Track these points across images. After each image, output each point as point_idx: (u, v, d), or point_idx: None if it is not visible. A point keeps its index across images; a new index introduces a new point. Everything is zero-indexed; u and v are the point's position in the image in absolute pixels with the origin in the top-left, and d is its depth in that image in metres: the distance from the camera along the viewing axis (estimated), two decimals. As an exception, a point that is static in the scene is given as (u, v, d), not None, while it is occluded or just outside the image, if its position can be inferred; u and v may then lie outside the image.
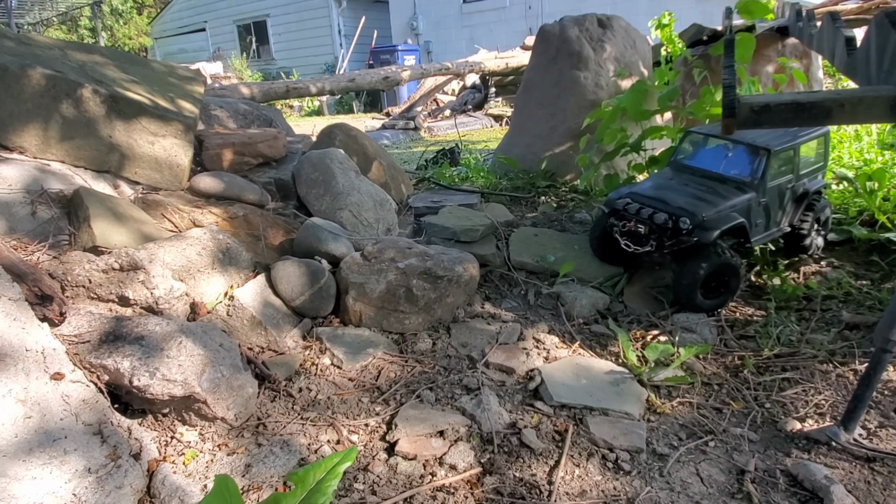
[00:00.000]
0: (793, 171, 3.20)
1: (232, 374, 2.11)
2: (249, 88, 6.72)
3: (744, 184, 3.13)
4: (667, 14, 6.73)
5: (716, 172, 3.25)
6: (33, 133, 2.96)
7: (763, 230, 3.22)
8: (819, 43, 3.24)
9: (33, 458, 1.59)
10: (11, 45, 3.22)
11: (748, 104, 2.41)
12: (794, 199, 3.29)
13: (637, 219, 3.13)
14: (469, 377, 2.48)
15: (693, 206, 3.00)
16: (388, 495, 1.84)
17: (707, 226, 2.94)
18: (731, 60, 3.19)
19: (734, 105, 2.40)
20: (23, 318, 1.89)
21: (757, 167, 3.12)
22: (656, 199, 3.13)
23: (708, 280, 3.01)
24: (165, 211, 3.03)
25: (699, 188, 3.17)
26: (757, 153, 3.13)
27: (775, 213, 3.23)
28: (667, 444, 2.15)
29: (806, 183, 3.30)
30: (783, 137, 3.15)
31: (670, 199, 3.09)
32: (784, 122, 2.64)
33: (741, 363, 2.65)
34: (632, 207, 3.18)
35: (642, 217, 3.10)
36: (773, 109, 2.43)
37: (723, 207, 3.02)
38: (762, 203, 3.13)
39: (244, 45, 21.64)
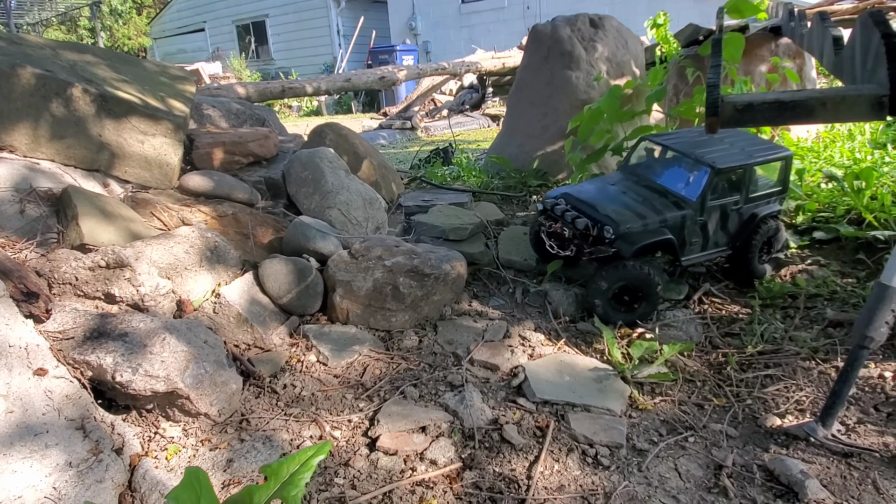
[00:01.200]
0: (741, 192, 3.09)
1: (216, 370, 2.13)
2: (245, 88, 6.74)
3: (682, 200, 3.03)
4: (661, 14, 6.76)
5: (658, 183, 3.16)
6: (23, 132, 2.98)
7: (699, 249, 3.12)
8: (809, 42, 3.26)
9: (14, 452, 1.61)
10: (2, 44, 3.24)
11: (731, 103, 2.43)
12: (740, 221, 3.17)
13: (562, 221, 3.07)
14: (453, 374, 2.50)
15: (620, 216, 2.92)
16: (367, 490, 1.86)
17: (629, 238, 2.88)
18: (719, 60, 3.22)
19: (717, 104, 2.42)
20: (6, 314, 1.91)
21: (698, 184, 3.01)
22: (587, 204, 3.05)
23: (623, 292, 2.95)
24: (154, 209, 3.05)
25: (635, 198, 3.09)
26: (700, 169, 3.03)
27: (715, 234, 3.13)
28: (647, 439, 2.17)
29: (757, 206, 3.18)
30: (736, 156, 3.06)
31: (600, 206, 3.01)
32: (767, 121, 2.67)
33: (725, 360, 2.67)
34: (559, 209, 3.11)
35: (566, 220, 3.04)
36: (757, 108, 2.45)
37: (651, 221, 2.93)
38: (699, 221, 3.03)
39: (243, 46, 21.67)
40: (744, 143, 3.22)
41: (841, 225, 3.61)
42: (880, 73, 2.15)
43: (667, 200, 3.04)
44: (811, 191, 4.24)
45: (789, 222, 4.00)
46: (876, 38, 2.22)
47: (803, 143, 5.82)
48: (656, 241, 2.93)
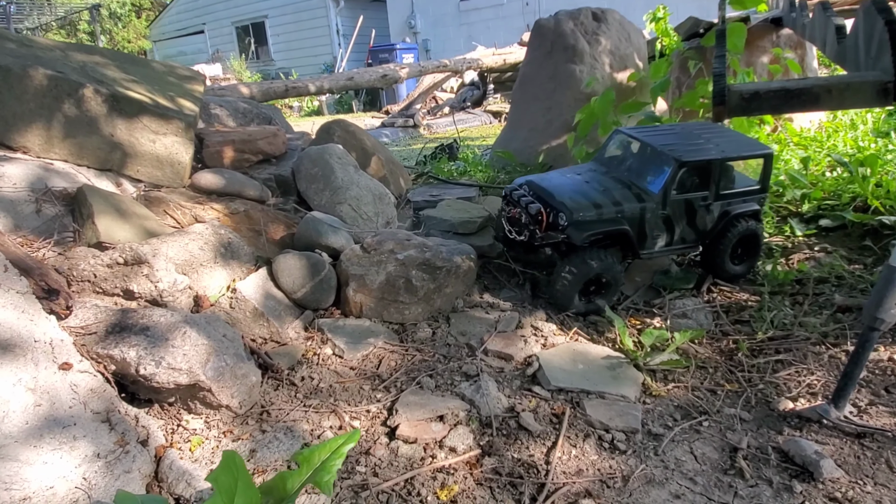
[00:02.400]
0: (711, 188, 3.01)
1: (235, 363, 2.16)
2: (249, 88, 6.78)
3: (644, 192, 2.98)
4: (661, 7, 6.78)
5: (625, 175, 3.12)
6: (36, 133, 3.01)
7: (664, 244, 3.07)
8: (811, 32, 3.28)
9: (44, 444, 1.64)
10: (13, 46, 3.27)
11: (738, 92, 2.46)
12: (710, 218, 3.10)
13: (520, 207, 3.06)
14: (468, 364, 2.53)
15: (575, 204, 2.88)
16: (389, 476, 1.89)
17: (582, 226, 2.84)
18: (723, 50, 3.24)
19: (724, 93, 2.45)
20: (31, 310, 1.94)
21: (660, 176, 2.96)
22: (546, 191, 3.02)
23: (587, 282, 2.95)
24: (167, 207, 3.08)
25: (597, 188, 3.04)
26: (664, 162, 2.96)
27: (681, 229, 3.06)
28: (662, 424, 2.20)
29: (730, 204, 3.11)
30: (707, 151, 2.98)
31: (557, 193, 2.97)
32: (773, 109, 2.70)
33: (735, 347, 2.70)
34: (517, 194, 3.11)
35: (522, 205, 3.03)
36: (763, 96, 2.48)
37: (608, 211, 2.89)
38: (662, 215, 2.98)
39: (243, 47, 21.69)
40: (722, 140, 3.14)
41: (847, 212, 3.64)
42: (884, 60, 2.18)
43: (629, 192, 2.99)
44: (816, 179, 4.26)
45: (795, 210, 4.02)
46: (879, 25, 2.24)
47: (806, 133, 5.84)
48: (610, 231, 2.89)
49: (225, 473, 1.22)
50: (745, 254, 3.27)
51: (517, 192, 3.13)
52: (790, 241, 3.65)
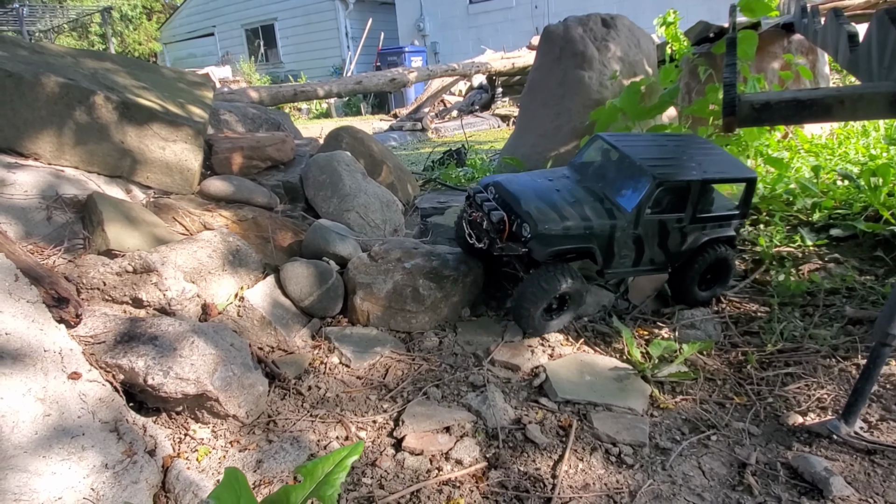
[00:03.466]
0: (687, 210, 2.83)
1: (243, 372, 2.17)
2: (258, 92, 6.81)
3: (617, 208, 2.78)
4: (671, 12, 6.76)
5: (599, 186, 2.92)
6: (47, 140, 3.04)
7: (630, 264, 2.89)
8: (823, 39, 3.25)
9: (52, 454, 1.65)
10: (25, 54, 3.30)
11: (749, 102, 2.45)
12: (683, 242, 2.92)
13: (482, 211, 2.84)
14: (475, 374, 2.52)
15: (541, 215, 2.67)
16: (395, 489, 1.89)
17: (545, 240, 2.64)
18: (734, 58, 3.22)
19: (735, 103, 2.43)
20: (40, 319, 1.96)
21: (635, 193, 2.76)
22: (513, 196, 2.80)
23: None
24: (177, 214, 3.09)
25: (568, 197, 2.82)
26: (641, 179, 2.76)
27: (651, 250, 2.88)
28: (669, 438, 2.18)
29: (705, 228, 2.94)
30: (688, 171, 2.79)
31: (524, 201, 2.75)
32: (785, 120, 2.68)
33: (744, 359, 2.67)
34: (481, 197, 2.90)
35: (484, 210, 2.81)
36: (774, 107, 2.46)
37: (575, 225, 2.68)
38: (633, 234, 2.79)
39: (252, 49, 21.82)
40: (706, 158, 2.96)
41: (858, 222, 3.60)
42: (899, 71, 2.15)
43: (601, 206, 2.80)
44: (827, 188, 4.22)
45: (805, 219, 3.99)
46: (893, 35, 2.22)
47: (817, 140, 5.80)
48: (575, 249, 2.72)
49: (227, 491, 1.22)
50: (713, 280, 3.10)
51: (481, 195, 2.91)
52: (800, 250, 3.62)
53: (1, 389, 1.68)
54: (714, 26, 6.66)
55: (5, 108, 2.95)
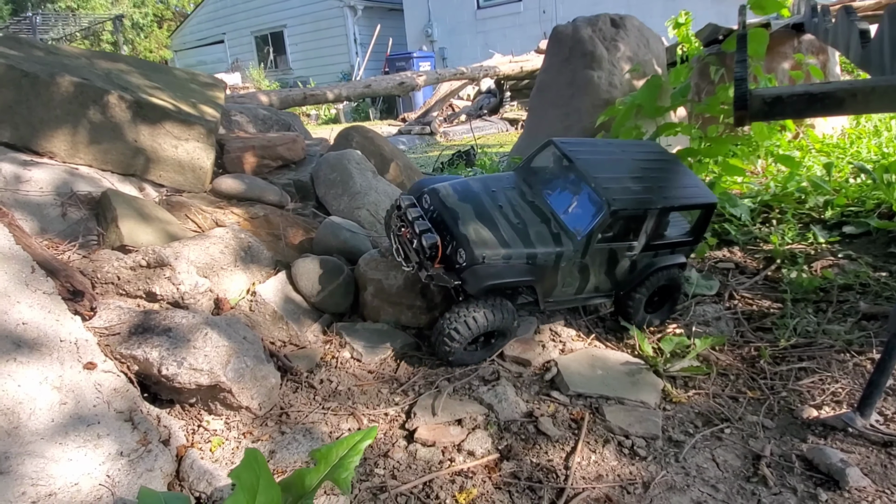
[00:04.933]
0: (640, 237, 2.58)
1: (256, 364, 2.18)
2: (268, 96, 6.87)
3: (566, 233, 2.48)
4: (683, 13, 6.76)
5: (548, 203, 2.59)
6: (62, 138, 3.07)
7: (573, 293, 2.64)
8: (834, 37, 3.24)
9: (69, 441, 1.67)
10: (40, 54, 3.35)
11: (760, 96, 2.44)
12: (631, 269, 2.71)
13: (411, 228, 2.49)
14: (486, 369, 2.52)
15: (479, 239, 2.36)
16: (407, 479, 1.89)
17: (480, 272, 2.32)
18: (744, 55, 3.21)
19: (746, 97, 2.43)
20: (56, 310, 1.98)
21: (588, 220, 2.45)
22: (451, 213, 2.46)
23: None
24: (189, 212, 3.12)
25: (512, 216, 2.52)
26: (594, 203, 2.44)
27: (597, 278, 2.64)
28: (682, 431, 2.17)
29: (657, 255, 2.71)
30: (646, 193, 2.52)
31: (463, 219, 2.42)
32: (797, 114, 2.67)
33: (757, 354, 2.66)
34: (413, 212, 2.53)
35: (415, 230, 2.45)
36: (786, 101, 2.46)
37: (517, 254, 2.39)
38: (578, 263, 2.52)
39: (262, 56, 22.00)
40: (666, 179, 2.69)
41: (871, 219, 3.58)
42: (911, 63, 2.14)
43: (547, 230, 2.49)
44: (839, 186, 4.20)
45: (818, 217, 3.97)
46: (905, 28, 2.21)
47: (829, 140, 5.78)
48: (514, 283, 2.42)
49: (247, 471, 1.23)
50: (661, 302, 2.91)
51: (413, 210, 2.55)
52: (813, 247, 3.60)
53: (18, 377, 1.70)
54: (723, 29, 6.65)
55: (21, 108, 3.00)
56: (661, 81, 3.86)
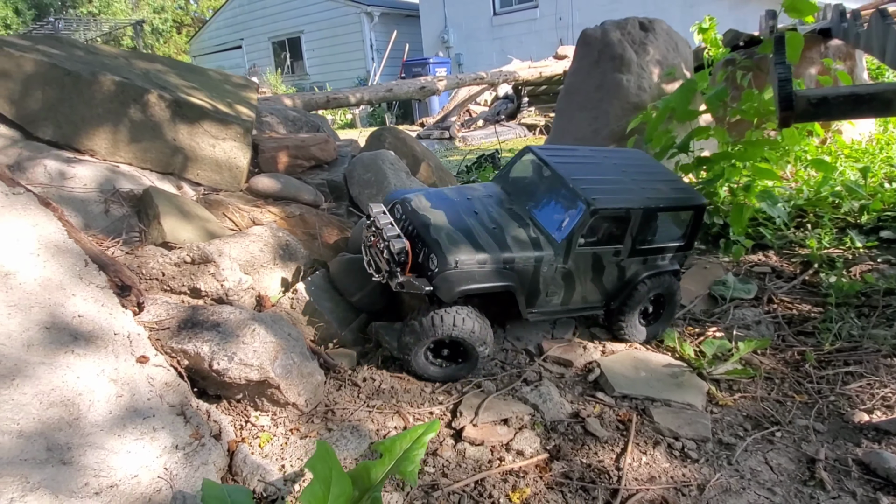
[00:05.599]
0: (626, 241, 2.48)
1: (302, 361, 2.18)
2: (292, 99, 6.91)
3: (546, 236, 2.41)
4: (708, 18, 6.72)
5: (526, 208, 2.54)
6: (103, 136, 3.10)
7: (559, 303, 2.53)
8: (867, 41, 3.20)
9: (127, 433, 1.67)
10: (81, 54, 3.39)
11: (805, 97, 2.42)
12: (620, 277, 2.59)
13: (380, 237, 2.41)
14: (527, 369, 2.50)
15: (452, 244, 2.29)
16: (459, 477, 1.87)
17: (453, 278, 2.23)
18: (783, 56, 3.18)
19: (791, 98, 2.40)
20: (109, 304, 1.99)
21: (567, 222, 2.37)
22: (422, 220, 2.41)
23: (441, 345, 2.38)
24: (226, 210, 3.13)
25: (488, 222, 2.45)
26: (574, 205, 2.37)
27: (584, 287, 2.54)
28: (732, 434, 2.14)
29: (646, 261, 2.61)
30: (629, 194, 2.45)
31: (435, 225, 2.37)
32: (842, 115, 2.64)
33: (801, 358, 2.62)
34: (382, 221, 2.44)
35: (384, 237, 2.37)
36: (831, 102, 2.43)
37: (493, 259, 2.31)
38: (561, 270, 2.42)
39: (279, 61, 22.15)
40: (650, 181, 2.63)
41: (911, 223, 3.53)
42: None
43: (526, 234, 2.42)
44: (874, 190, 4.15)
45: (853, 222, 3.92)
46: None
47: (857, 146, 5.72)
48: (490, 289, 2.31)
49: (321, 463, 1.22)
50: (656, 313, 2.77)
51: (383, 218, 2.47)
52: (850, 252, 3.55)
53: (77, 369, 1.71)
54: (744, 35, 6.62)
55: (64, 106, 3.03)
56: (696, 85, 3.83)
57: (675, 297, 2.77)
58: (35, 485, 1.42)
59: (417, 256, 2.37)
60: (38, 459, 1.47)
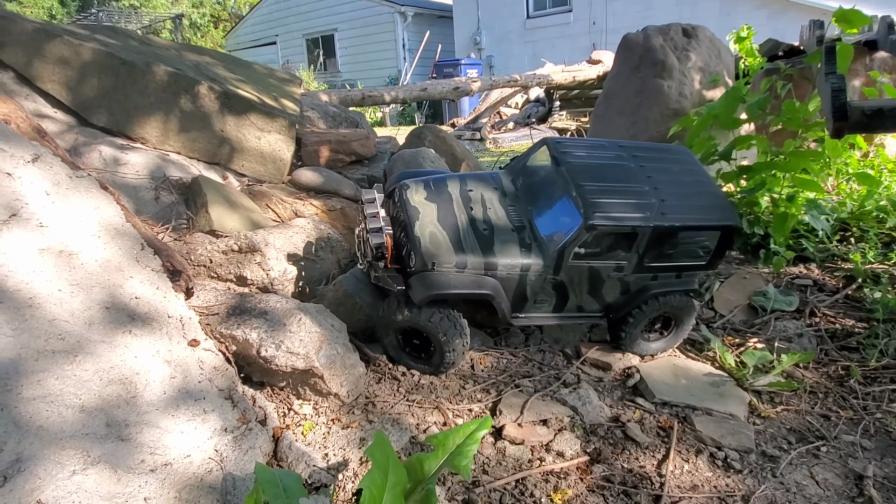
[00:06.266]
0: (632, 257, 2.31)
1: (345, 352, 2.20)
2: (328, 95, 6.97)
3: (538, 242, 2.27)
4: (745, 27, 6.62)
5: (527, 205, 2.42)
6: (154, 125, 3.17)
7: (549, 310, 2.41)
8: (917, 55, 3.13)
9: (180, 413, 1.71)
10: (136, 44, 3.47)
11: (860, 108, 2.38)
12: (623, 290, 2.43)
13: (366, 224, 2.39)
14: (565, 371, 2.50)
15: (433, 244, 2.21)
16: (500, 475, 1.88)
17: (428, 280, 2.18)
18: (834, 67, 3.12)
19: (846, 108, 2.37)
20: (163, 287, 2.03)
21: (561, 231, 2.24)
22: (412, 212, 2.34)
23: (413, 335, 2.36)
24: (270, 201, 3.18)
25: (481, 220, 2.33)
26: (574, 215, 2.21)
27: (579, 297, 2.39)
28: (776, 446, 2.11)
29: (657, 278, 2.41)
30: (640, 210, 2.25)
31: (421, 221, 2.29)
32: (897, 127, 2.57)
33: (845, 373, 2.57)
34: (370, 208, 2.42)
35: (366, 226, 2.36)
36: (887, 113, 2.39)
37: (473, 265, 2.21)
38: (552, 280, 2.29)
39: (312, 58, 22.37)
40: (674, 191, 2.38)
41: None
42: None
43: (517, 238, 2.28)
44: (922, 206, 4.05)
45: (900, 238, 3.83)
46: None
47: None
48: (466, 296, 2.25)
49: (379, 451, 1.24)
50: (665, 327, 2.60)
51: (370, 206, 2.44)
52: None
53: (134, 349, 1.75)
54: (784, 44, 6.50)
55: (118, 94, 3.11)
56: (742, 93, 3.78)
57: (687, 317, 2.57)
58: (95, 459, 1.46)
59: (402, 249, 2.32)
60: (98, 434, 1.51)
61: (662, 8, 14.63)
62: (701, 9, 13.98)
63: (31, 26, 3.00)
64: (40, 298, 1.65)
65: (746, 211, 3.88)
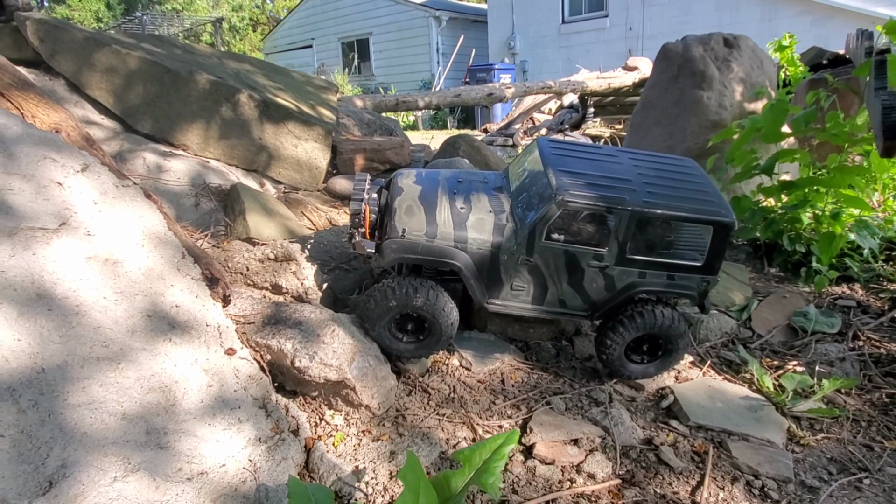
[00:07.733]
0: (611, 246, 2.24)
1: (377, 364, 2.21)
2: (363, 101, 7.04)
3: (517, 223, 2.30)
4: (787, 36, 6.46)
5: (517, 192, 2.44)
6: (196, 132, 3.25)
7: (528, 299, 2.37)
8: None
9: (216, 422, 1.74)
10: (179, 52, 3.56)
11: (912, 126, 2.29)
12: (605, 285, 2.33)
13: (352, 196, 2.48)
14: (596, 389, 2.47)
15: (406, 216, 2.31)
16: (529, 495, 1.86)
17: (396, 244, 2.25)
18: (885, 81, 3.03)
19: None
20: (203, 295, 2.08)
21: (535, 211, 2.24)
22: (397, 190, 2.47)
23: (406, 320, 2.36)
24: (305, 209, 3.22)
25: (460, 202, 2.39)
26: (544, 195, 2.22)
27: (559, 288, 2.34)
28: (816, 476, 2.05)
29: (644, 275, 2.30)
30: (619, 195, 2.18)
31: (402, 197, 2.39)
32: (952, 147, 2.48)
33: (891, 401, 2.49)
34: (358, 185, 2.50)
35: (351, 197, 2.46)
36: (940, 133, 2.29)
37: (443, 235, 2.26)
38: (526, 262, 2.27)
39: (347, 62, 22.62)
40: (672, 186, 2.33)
41: None
42: None
43: (493, 221, 2.32)
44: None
45: (950, 259, 3.69)
46: None
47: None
48: (432, 262, 2.30)
49: (411, 473, 1.24)
50: (653, 351, 2.47)
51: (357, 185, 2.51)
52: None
53: (173, 357, 1.79)
54: (828, 53, 6.31)
55: (162, 102, 3.18)
56: (787, 106, 3.69)
57: (682, 335, 2.40)
58: (136, 466, 1.49)
59: (385, 224, 2.40)
60: (138, 442, 1.55)
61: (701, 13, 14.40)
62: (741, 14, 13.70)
63: (82, 35, 3.10)
64: (86, 306, 1.70)
65: (787, 227, 3.78)
